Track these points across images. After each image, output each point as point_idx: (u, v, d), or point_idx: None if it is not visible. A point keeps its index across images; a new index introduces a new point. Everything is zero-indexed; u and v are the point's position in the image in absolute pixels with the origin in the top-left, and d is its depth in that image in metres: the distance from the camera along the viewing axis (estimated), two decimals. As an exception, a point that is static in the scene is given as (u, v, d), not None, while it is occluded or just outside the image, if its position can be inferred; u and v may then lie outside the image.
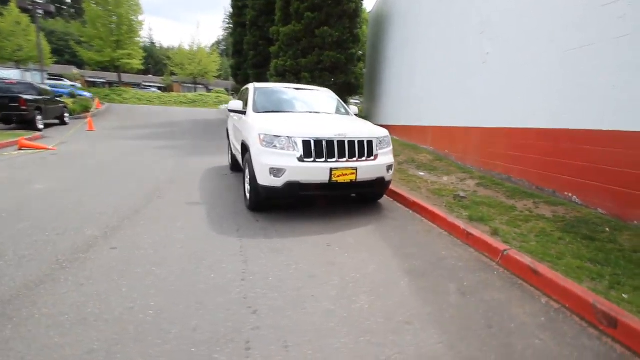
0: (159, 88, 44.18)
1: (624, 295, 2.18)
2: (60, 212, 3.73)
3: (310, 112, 4.73)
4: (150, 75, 50.80)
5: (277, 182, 3.51)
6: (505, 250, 2.73)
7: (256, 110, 4.56)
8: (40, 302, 2.08)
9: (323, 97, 5.29)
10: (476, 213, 3.87)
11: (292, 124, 3.90)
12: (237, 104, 4.70)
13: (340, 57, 12.85)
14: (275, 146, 3.56)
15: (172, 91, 42.23)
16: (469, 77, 6.49)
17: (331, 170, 3.52)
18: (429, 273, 2.59)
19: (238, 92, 20.71)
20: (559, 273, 2.35)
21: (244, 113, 4.69)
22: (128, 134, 12.16)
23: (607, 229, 3.28)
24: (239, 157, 4.88)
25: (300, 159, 3.50)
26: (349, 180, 3.60)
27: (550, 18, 4.49)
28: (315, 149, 3.53)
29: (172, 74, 41.46)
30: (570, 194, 4.11)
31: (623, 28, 3.48)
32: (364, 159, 3.71)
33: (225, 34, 68.72)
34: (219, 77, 46.18)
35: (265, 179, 3.56)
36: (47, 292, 2.18)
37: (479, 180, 5.50)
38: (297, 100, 5.10)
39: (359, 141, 3.71)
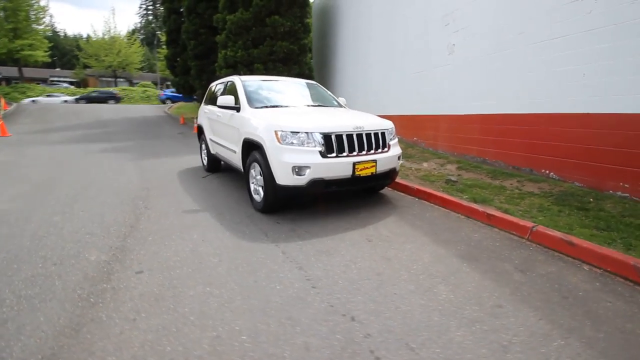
0: (71, 83, 38.60)
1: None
2: (37, 238, 3.09)
3: (310, 106, 4.58)
4: (58, 69, 44.01)
5: (301, 180, 3.35)
6: (534, 226, 3.00)
7: (253, 105, 4.27)
8: (98, 351, 1.71)
9: (314, 90, 5.15)
10: (474, 195, 4.17)
11: (303, 118, 3.74)
12: (228, 99, 4.33)
13: (293, 47, 12.61)
14: (294, 143, 3.38)
15: (87, 86, 37.43)
16: (435, 68, 6.86)
17: (354, 164, 3.47)
18: (479, 256, 2.73)
19: (176, 85, 19.04)
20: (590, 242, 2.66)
21: (236, 109, 4.35)
22: (55, 138, 10.51)
23: (592, 200, 3.80)
24: (232, 157, 4.54)
25: (323, 155, 3.38)
26: (370, 173, 3.59)
27: (519, 12, 4.94)
28: (337, 144, 3.44)
29: (86, 66, 36.59)
30: (547, 171, 4.65)
31: (590, 22, 3.99)
32: (379, 150, 3.73)
33: (143, 21, 62.58)
34: (142, 69, 41.97)
35: (286, 178, 3.37)
36: (98, 337, 1.81)
37: (457, 164, 5.91)
38: (291, 93, 4.90)
39: (374, 133, 3.71)
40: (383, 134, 3.83)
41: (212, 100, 5.81)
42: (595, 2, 3.92)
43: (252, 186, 3.98)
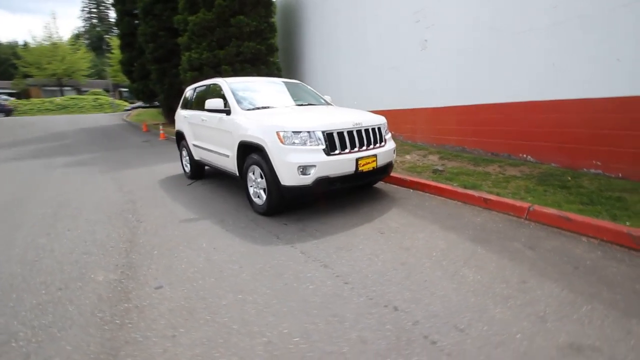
0: (10, 94, 35.21)
1: (627, 223, 2.85)
2: (27, 263, 2.83)
3: (300, 105, 4.57)
4: (-6, 80, 39.93)
5: (307, 179, 3.35)
6: (530, 206, 3.23)
7: (243, 107, 4.18)
8: (145, 371, 1.62)
9: (299, 89, 5.13)
10: (463, 182, 4.39)
11: (301, 117, 3.74)
12: (217, 103, 4.20)
13: (261, 47, 12.44)
14: (296, 142, 3.37)
15: (30, 97, 34.47)
16: (410, 63, 7.09)
17: (357, 160, 3.53)
18: (489, 238, 2.89)
19: (134, 91, 17.98)
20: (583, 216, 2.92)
21: (225, 112, 4.24)
22: (8, 154, 9.60)
23: (570, 178, 4.14)
24: (224, 162, 4.42)
25: (327, 153, 3.40)
26: (371, 168, 3.67)
27: (490, 8, 5.24)
28: (340, 141, 3.48)
29: (26, 76, 33.61)
30: (525, 155, 5.00)
31: (556, 16, 4.34)
32: (377, 145, 3.82)
33: (87, 25, 58.70)
34: (90, 75, 39.25)
35: (292, 179, 3.35)
36: (141, 358, 1.71)
37: (438, 154, 6.17)
38: (277, 93, 4.84)
39: (372, 129, 3.78)
40: (379, 128, 3.92)
41: (190, 105, 5.62)
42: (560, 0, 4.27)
43: (251, 190, 3.91)
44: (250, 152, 3.81)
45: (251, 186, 3.90)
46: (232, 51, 12.06)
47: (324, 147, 3.40)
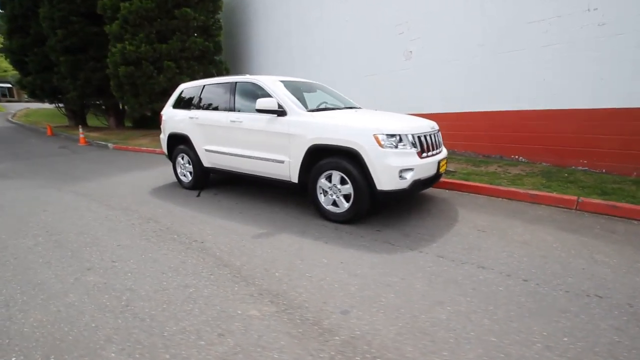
0: None
1: (649, 207, 3.64)
2: (118, 312, 2.12)
3: (349, 108, 4.44)
4: None
5: (404, 183, 3.30)
6: (579, 198, 3.83)
7: (305, 108, 3.89)
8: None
9: (330, 91, 4.96)
10: (481, 181, 4.93)
11: (380, 120, 3.65)
12: (270, 103, 3.78)
13: (209, 44, 11.55)
14: (391, 146, 3.30)
15: None
16: (392, 72, 7.52)
17: (439, 162, 3.64)
18: (572, 228, 3.33)
19: (27, 86, 14.19)
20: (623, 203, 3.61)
21: (277, 113, 3.85)
22: None
23: (567, 174, 5.03)
24: (269, 168, 4.01)
25: (420, 156, 3.42)
26: (444, 170, 3.82)
27: (480, 27, 5.97)
28: (426, 144, 3.54)
29: None
30: (517, 156, 5.84)
31: (546, 40, 5.22)
32: (442, 148, 4.00)
33: None
34: None
35: (391, 183, 3.26)
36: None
37: (432, 156, 6.71)
38: (324, 95, 4.63)
39: (438, 132, 3.95)
40: (440, 132, 4.11)
41: (196, 105, 4.92)
42: (549, 25, 5.16)
43: (321, 197, 3.65)
44: (325, 156, 3.56)
45: (321, 193, 3.63)
46: (177, 46, 10.88)
47: (417, 150, 3.41)
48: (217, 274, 2.56)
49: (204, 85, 4.92)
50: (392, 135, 3.30)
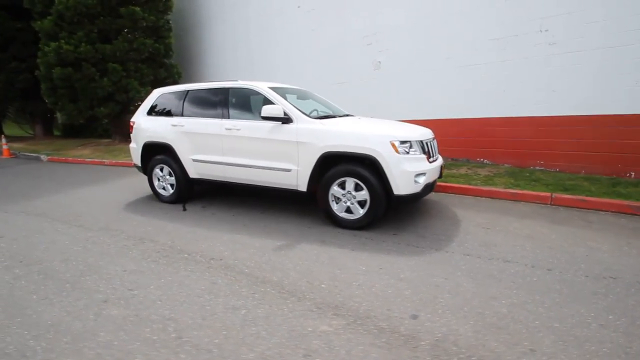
0: None
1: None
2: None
3: (346, 115, 4.47)
4: None
5: (418, 187, 3.45)
6: (552, 194, 4.35)
7: (309, 115, 3.83)
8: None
9: (319, 98, 4.95)
10: (459, 182, 5.37)
11: (388, 127, 3.76)
12: (276, 110, 3.67)
13: (159, 46, 10.84)
14: (405, 152, 3.42)
15: None
16: (361, 81, 7.79)
17: (441, 167, 3.87)
18: (564, 222, 3.77)
19: None
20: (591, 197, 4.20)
21: (282, 120, 3.76)
22: None
23: (528, 174, 5.69)
24: (275, 177, 3.88)
25: (428, 161, 3.60)
26: (442, 175, 4.06)
27: (446, 42, 6.50)
28: (430, 150, 3.73)
29: None
30: (482, 159, 6.44)
31: (505, 55, 5.89)
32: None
33: None
34: None
35: (407, 187, 3.38)
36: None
37: (404, 161, 7.08)
38: (315, 102, 4.58)
39: (434, 138, 4.19)
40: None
41: (178, 112, 4.56)
42: (507, 43, 5.83)
43: (333, 205, 3.63)
44: (335, 164, 3.55)
45: (333, 201, 3.62)
46: (123, 47, 10.00)
47: (425, 155, 3.58)
48: (260, 292, 2.40)
49: (188, 91, 4.58)
50: (405, 142, 3.43)
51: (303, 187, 3.78)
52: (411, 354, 1.77)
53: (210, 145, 4.28)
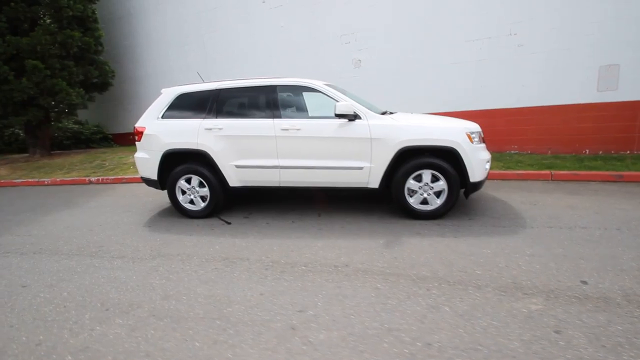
0: None
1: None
2: None
3: (389, 112, 4.54)
4: None
5: (486, 173, 3.78)
6: (552, 172, 5.19)
7: (375, 111, 3.84)
8: None
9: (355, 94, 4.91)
10: None
11: (448, 120, 3.98)
12: (347, 107, 3.57)
13: (89, 40, 9.30)
14: (477, 142, 3.71)
15: None
16: (341, 78, 7.93)
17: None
18: (575, 196, 4.52)
19: None
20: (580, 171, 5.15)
21: (349, 118, 3.69)
22: None
23: (508, 157, 6.61)
24: (343, 177, 3.80)
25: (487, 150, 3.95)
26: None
27: (429, 42, 7.07)
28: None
29: None
30: (464, 147, 7.22)
31: (481, 54, 6.71)
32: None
33: None
34: None
35: (481, 174, 3.68)
36: None
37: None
38: (357, 98, 4.51)
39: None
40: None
41: (211, 112, 4.06)
42: (483, 44, 6.66)
43: (409, 198, 3.72)
44: (409, 158, 3.64)
45: (409, 194, 3.71)
46: (44, 40, 8.25)
47: (484, 144, 3.92)
48: (432, 288, 2.37)
49: (220, 89, 4.07)
50: (474, 132, 3.72)
51: (374, 184, 3.76)
52: (621, 311, 2.01)
53: (261, 149, 3.90)
